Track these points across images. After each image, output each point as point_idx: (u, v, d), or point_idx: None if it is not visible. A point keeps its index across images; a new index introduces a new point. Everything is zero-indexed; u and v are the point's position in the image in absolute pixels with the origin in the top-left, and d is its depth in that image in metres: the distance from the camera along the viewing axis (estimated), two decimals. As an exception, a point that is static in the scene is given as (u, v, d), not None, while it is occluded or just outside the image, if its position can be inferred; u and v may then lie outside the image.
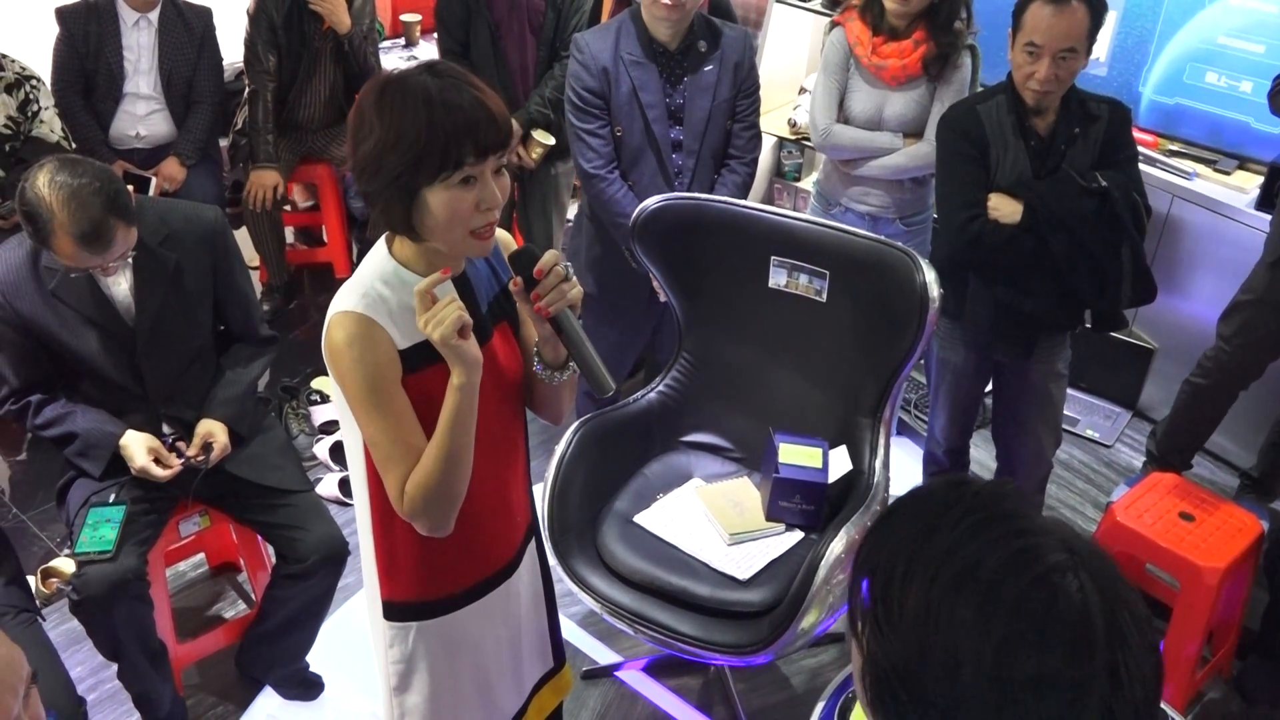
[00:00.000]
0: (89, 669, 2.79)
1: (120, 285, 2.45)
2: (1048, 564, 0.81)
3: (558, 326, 1.66)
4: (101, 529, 2.40)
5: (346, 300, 1.62)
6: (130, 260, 2.40)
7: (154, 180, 3.74)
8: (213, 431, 2.54)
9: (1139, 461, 3.61)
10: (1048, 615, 0.79)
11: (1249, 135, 3.47)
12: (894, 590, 0.83)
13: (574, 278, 1.64)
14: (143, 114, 3.85)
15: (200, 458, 2.51)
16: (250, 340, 2.69)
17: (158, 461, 2.48)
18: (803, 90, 4.34)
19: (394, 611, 1.83)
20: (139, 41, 3.77)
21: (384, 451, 1.63)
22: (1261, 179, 3.36)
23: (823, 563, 2.28)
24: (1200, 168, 3.52)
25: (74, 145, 3.65)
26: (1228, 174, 3.49)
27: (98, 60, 3.74)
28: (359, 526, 1.82)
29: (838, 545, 2.30)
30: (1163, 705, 1.89)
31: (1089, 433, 3.79)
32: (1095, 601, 0.80)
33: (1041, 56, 2.45)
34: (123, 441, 2.47)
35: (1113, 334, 3.65)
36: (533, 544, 2.00)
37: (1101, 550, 0.85)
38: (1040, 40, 2.44)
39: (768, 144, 4.39)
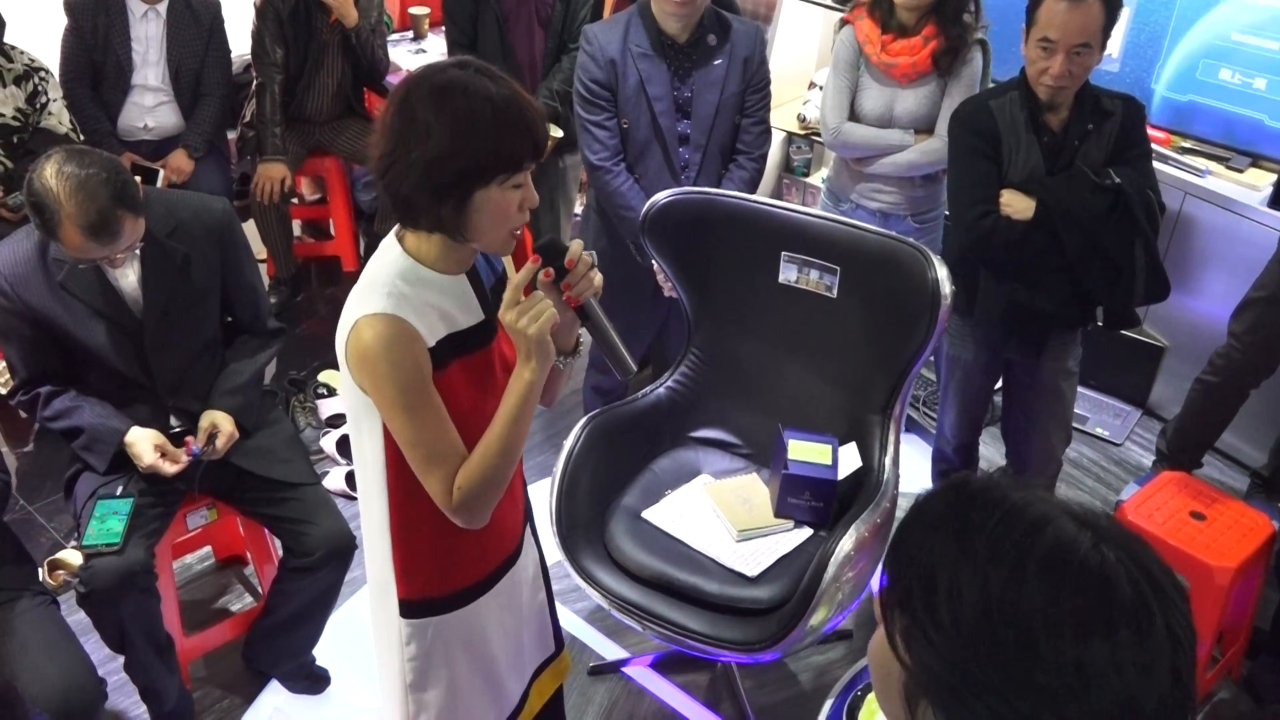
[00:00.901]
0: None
1: (128, 277, 2.44)
2: (1084, 545, 0.82)
3: (583, 314, 1.69)
4: (109, 521, 2.39)
5: (372, 301, 1.60)
6: (138, 252, 2.39)
7: (161, 172, 3.73)
8: (216, 422, 2.53)
9: (1149, 460, 3.60)
10: (1106, 595, 0.80)
11: (1262, 132, 3.45)
12: (939, 599, 0.83)
13: (596, 264, 1.67)
14: (151, 106, 3.84)
15: (207, 449, 2.51)
16: (258, 332, 2.69)
17: (165, 456, 2.47)
18: (812, 85, 4.32)
19: (412, 609, 1.83)
20: (147, 33, 3.76)
21: (427, 451, 1.63)
22: (1275, 176, 3.34)
23: (832, 560, 2.27)
24: (1213, 165, 3.50)
25: (82, 137, 3.64)
26: (1241, 171, 3.47)
27: (106, 52, 3.73)
28: (370, 527, 1.81)
29: (847, 542, 2.29)
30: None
31: (1099, 431, 3.77)
32: (1136, 572, 0.82)
33: (1055, 52, 2.43)
34: (128, 439, 2.46)
35: (1123, 332, 3.65)
36: (528, 529, 2.01)
37: (1108, 514, 0.86)
38: (1054, 35, 2.42)
39: (777, 139, 4.38)
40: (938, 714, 0.85)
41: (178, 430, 2.56)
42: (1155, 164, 2.73)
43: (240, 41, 4.04)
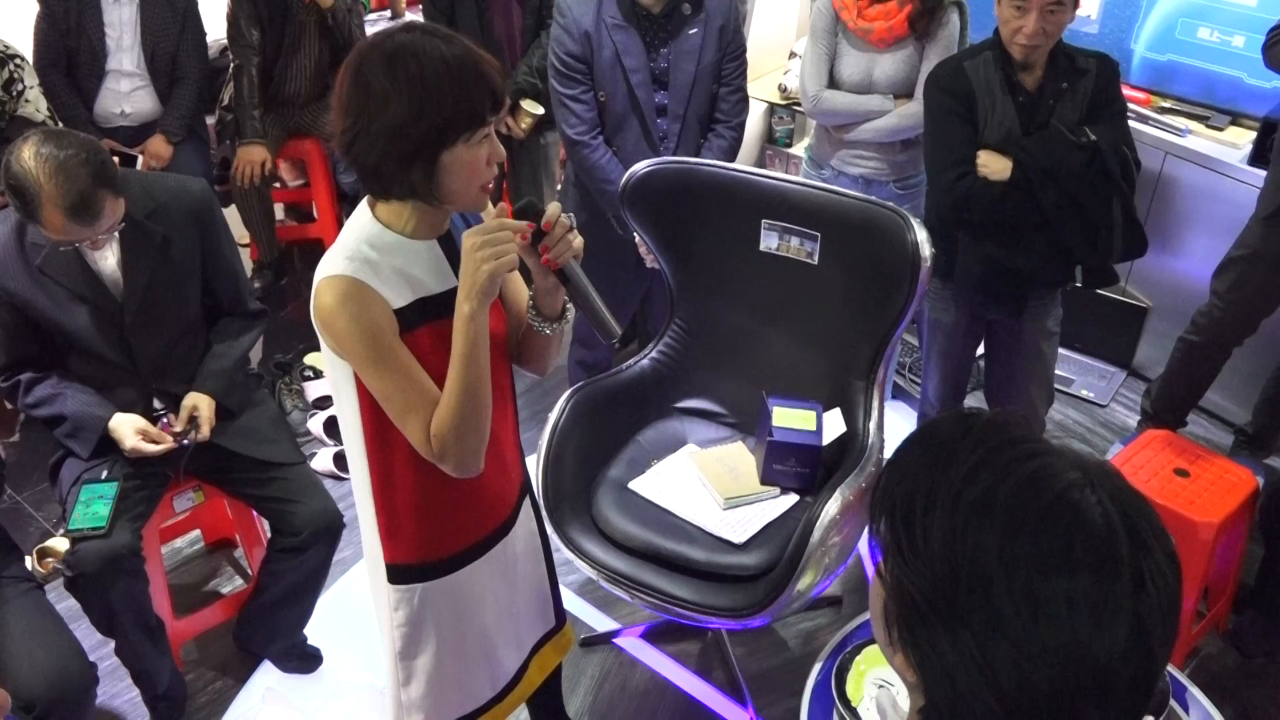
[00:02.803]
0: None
1: (107, 260, 2.43)
2: (1065, 483, 0.82)
3: (564, 277, 1.70)
4: (94, 506, 2.39)
5: (332, 265, 1.61)
6: (117, 235, 2.38)
7: (140, 158, 3.71)
8: (198, 405, 2.53)
9: (1134, 420, 3.61)
10: (1072, 533, 0.80)
11: (1241, 90, 3.45)
12: (916, 521, 0.84)
13: (576, 228, 1.67)
14: (127, 91, 3.82)
15: (190, 433, 2.50)
16: (239, 314, 2.68)
17: (148, 439, 2.47)
18: (793, 55, 4.31)
19: (398, 574, 1.85)
20: (120, 18, 3.72)
21: (401, 403, 1.63)
22: (1254, 134, 3.34)
23: (818, 525, 2.28)
24: (1193, 124, 3.50)
25: (59, 125, 3.62)
26: (1220, 130, 3.47)
27: (79, 37, 3.70)
28: (357, 493, 1.82)
29: (833, 507, 2.30)
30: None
31: (1084, 393, 3.79)
32: (1115, 514, 0.81)
33: (1029, 10, 2.43)
34: (111, 425, 2.46)
35: (1106, 293, 3.66)
36: (527, 503, 2.02)
37: (1111, 466, 0.86)
38: None
39: (759, 110, 4.37)
40: (903, 634, 0.86)
41: (161, 412, 2.55)
42: (1135, 124, 2.73)
43: (216, 25, 4.01)
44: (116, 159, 2.39)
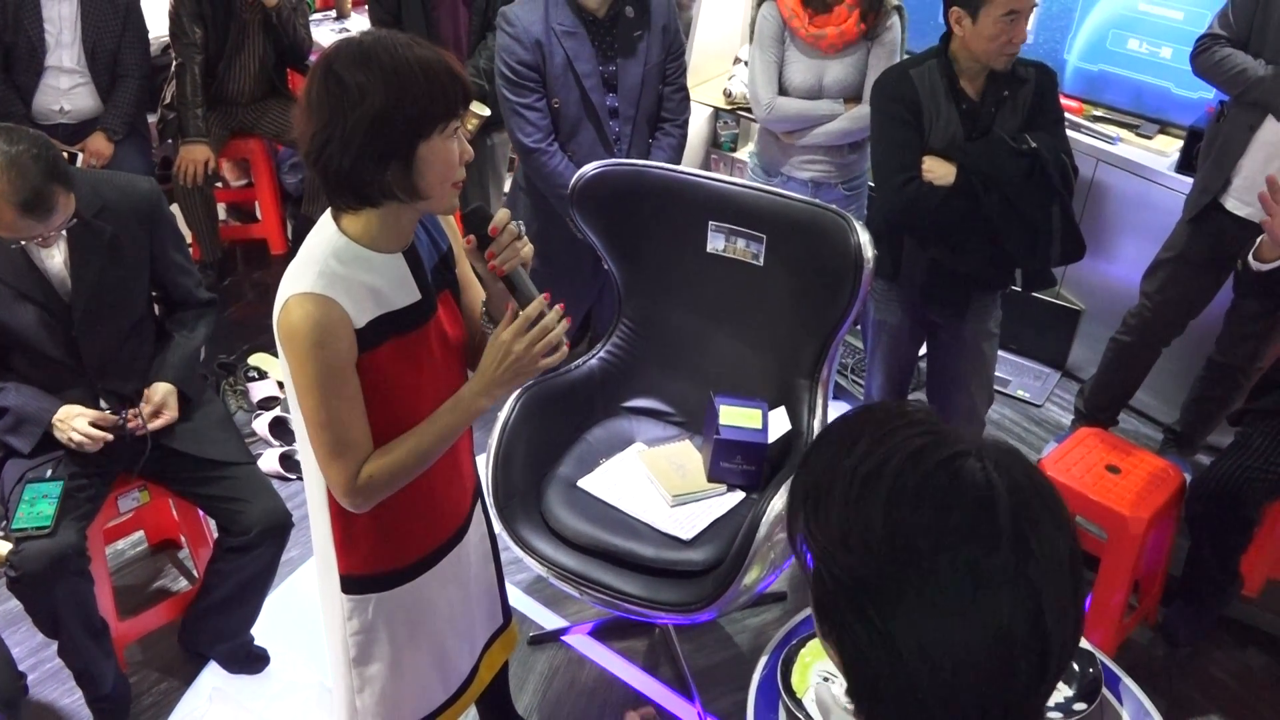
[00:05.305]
0: (28, 649, 2.75)
1: (54, 258, 2.40)
2: (949, 451, 0.84)
3: (511, 284, 1.69)
4: (39, 505, 2.37)
5: (303, 280, 1.59)
6: (65, 233, 2.36)
7: (80, 156, 3.66)
8: (167, 395, 2.53)
9: (1068, 419, 3.71)
10: (949, 499, 0.82)
11: (1169, 100, 3.56)
12: (821, 503, 0.86)
13: (525, 235, 1.67)
14: (66, 88, 3.76)
15: (151, 421, 2.49)
16: (191, 306, 2.68)
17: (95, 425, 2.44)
18: (737, 60, 4.36)
19: (352, 585, 1.84)
20: (60, 13, 3.66)
21: (333, 438, 1.63)
22: (1181, 143, 3.45)
23: (763, 521, 2.32)
24: (1123, 133, 3.61)
25: (-5, 121, 3.56)
26: (1149, 138, 3.58)
27: (17, 33, 3.63)
28: (311, 502, 1.82)
29: (778, 503, 2.34)
30: (1093, 651, 1.95)
31: (1020, 393, 3.88)
32: (999, 480, 0.83)
33: (1020, 19, 2.50)
34: (59, 415, 2.43)
35: (1042, 296, 3.76)
36: (479, 506, 2.03)
37: (1009, 445, 0.88)
38: (1018, 5, 2.48)
39: (704, 114, 4.42)
40: (820, 619, 0.87)
41: (108, 412, 2.53)
42: (1069, 132, 2.82)
43: (158, 22, 3.97)
44: (60, 156, 2.37)
